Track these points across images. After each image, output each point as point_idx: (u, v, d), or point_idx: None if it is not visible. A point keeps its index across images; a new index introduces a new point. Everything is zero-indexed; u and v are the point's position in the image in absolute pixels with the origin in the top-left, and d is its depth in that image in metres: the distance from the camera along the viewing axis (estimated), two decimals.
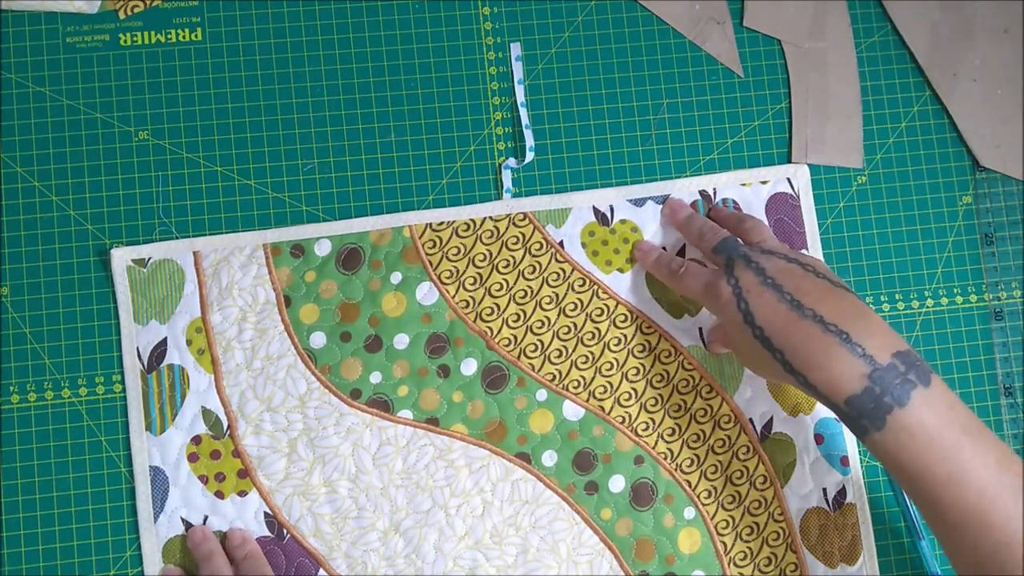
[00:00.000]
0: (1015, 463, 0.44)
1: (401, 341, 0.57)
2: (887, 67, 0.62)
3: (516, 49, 0.60)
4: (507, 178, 0.59)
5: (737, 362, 0.58)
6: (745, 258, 0.51)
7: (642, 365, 0.57)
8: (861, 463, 0.58)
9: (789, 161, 0.60)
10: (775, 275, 0.49)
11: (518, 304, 0.57)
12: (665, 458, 0.57)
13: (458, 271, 0.57)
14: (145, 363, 0.56)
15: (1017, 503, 0.43)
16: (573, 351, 0.57)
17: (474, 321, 0.57)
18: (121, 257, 0.56)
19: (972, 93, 0.61)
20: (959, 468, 0.43)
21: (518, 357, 0.57)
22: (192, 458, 0.55)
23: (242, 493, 0.55)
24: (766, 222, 0.59)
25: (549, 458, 0.57)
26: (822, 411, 0.58)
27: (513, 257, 0.58)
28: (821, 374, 0.46)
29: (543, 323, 0.57)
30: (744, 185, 0.59)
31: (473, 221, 0.58)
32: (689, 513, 0.57)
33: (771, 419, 0.57)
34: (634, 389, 0.57)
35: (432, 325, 0.57)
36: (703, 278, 0.53)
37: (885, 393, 0.44)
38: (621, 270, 0.58)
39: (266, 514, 0.55)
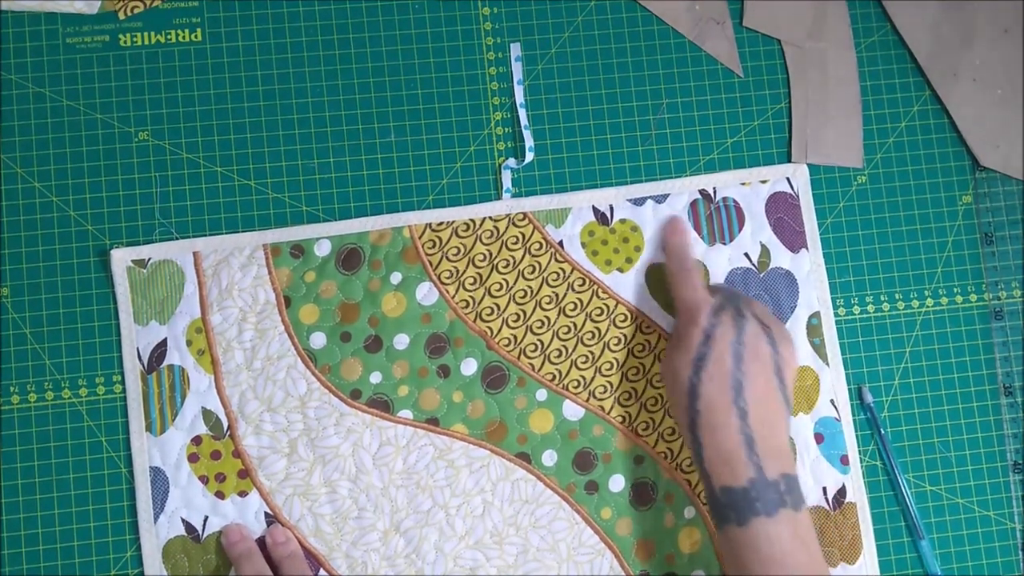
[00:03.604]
0: None
1: (401, 341, 0.57)
2: (887, 67, 0.62)
3: (516, 49, 0.60)
4: (507, 178, 0.59)
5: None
6: (737, 310, 0.52)
7: (642, 365, 0.57)
8: (861, 463, 0.58)
9: (789, 161, 0.60)
10: (747, 344, 0.51)
11: (518, 304, 0.57)
12: (665, 457, 0.57)
13: (458, 271, 0.57)
14: (145, 364, 0.56)
15: None
16: (573, 351, 0.57)
17: (474, 321, 0.57)
18: (121, 258, 0.56)
19: (972, 93, 0.61)
20: None
21: (518, 357, 0.57)
22: (192, 458, 0.55)
23: (242, 493, 0.55)
24: (766, 222, 0.59)
25: (549, 458, 0.57)
26: (822, 410, 0.58)
27: (513, 257, 0.58)
28: (714, 457, 0.50)
29: (543, 323, 0.57)
30: (744, 185, 0.59)
31: (473, 221, 0.58)
32: (689, 512, 0.57)
33: None
34: (634, 389, 0.57)
35: (432, 325, 0.57)
36: (697, 294, 0.54)
37: (758, 500, 0.48)
38: (621, 270, 0.58)
39: (266, 514, 0.55)
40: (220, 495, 0.55)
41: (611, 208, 0.58)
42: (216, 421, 0.55)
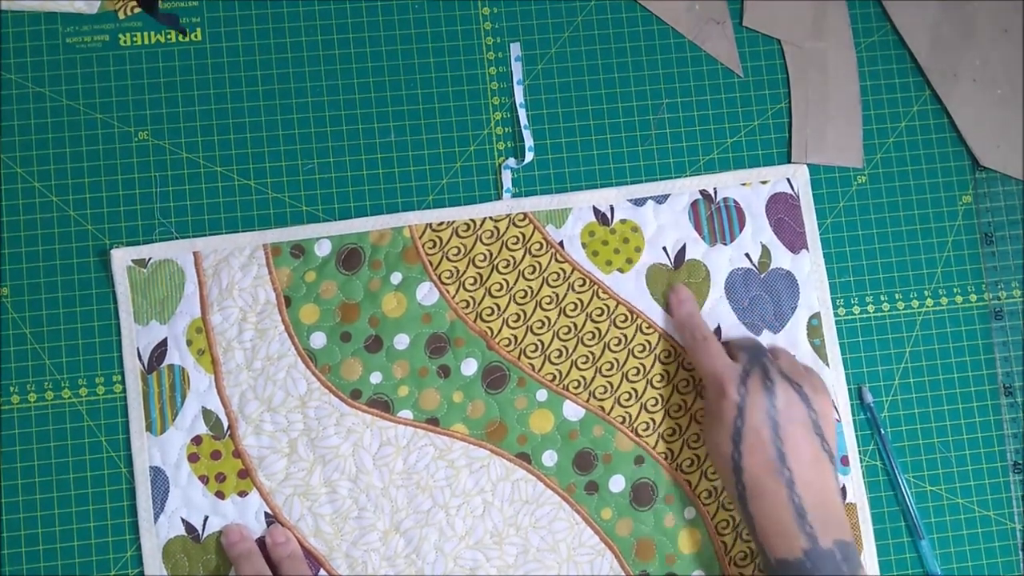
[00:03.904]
0: None
1: (401, 341, 0.57)
2: (887, 67, 0.62)
3: (516, 49, 0.60)
4: (507, 178, 0.59)
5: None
6: (764, 372, 0.52)
7: (642, 365, 0.57)
8: (861, 463, 0.58)
9: (789, 161, 0.60)
10: (781, 409, 0.50)
11: (518, 304, 0.57)
12: (665, 458, 0.57)
13: (458, 271, 0.57)
14: (145, 363, 0.56)
15: None
16: (573, 351, 0.57)
17: (474, 321, 0.57)
18: (121, 258, 0.56)
19: (972, 93, 0.61)
20: None
21: (518, 357, 0.57)
22: (192, 458, 0.55)
23: (242, 493, 0.55)
24: (767, 222, 0.59)
25: (549, 458, 0.57)
26: None
27: (513, 257, 0.58)
28: (767, 528, 0.49)
29: (543, 323, 0.57)
30: (744, 185, 0.59)
31: (473, 221, 0.58)
32: (689, 513, 0.57)
33: None
34: (634, 389, 0.57)
35: (432, 325, 0.57)
36: (718, 364, 0.53)
37: (815, 571, 0.47)
38: (621, 270, 0.58)
39: (266, 514, 0.55)
40: (220, 495, 0.55)
41: (611, 208, 0.58)
42: (216, 421, 0.55)
